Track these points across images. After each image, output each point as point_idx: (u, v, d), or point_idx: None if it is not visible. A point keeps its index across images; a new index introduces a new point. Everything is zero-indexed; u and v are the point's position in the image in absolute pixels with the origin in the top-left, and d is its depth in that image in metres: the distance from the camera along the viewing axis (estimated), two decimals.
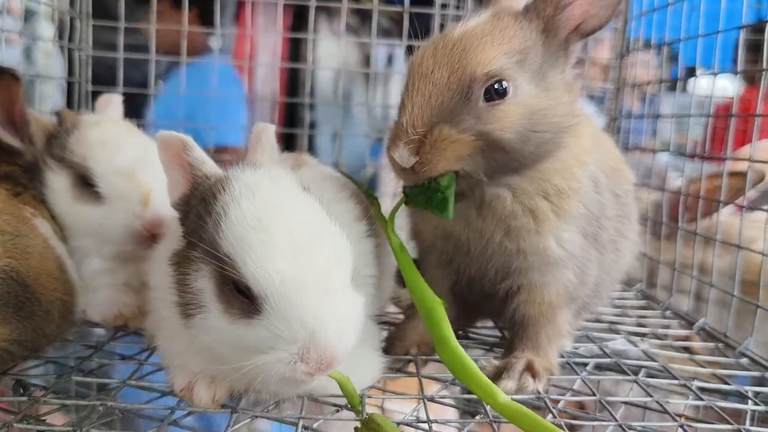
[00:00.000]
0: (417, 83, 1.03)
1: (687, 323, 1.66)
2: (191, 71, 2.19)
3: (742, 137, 1.71)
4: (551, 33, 1.08)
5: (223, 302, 0.89)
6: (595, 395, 1.14)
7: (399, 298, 1.56)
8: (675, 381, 1.25)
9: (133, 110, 1.80)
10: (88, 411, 1.01)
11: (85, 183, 1.35)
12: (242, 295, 0.88)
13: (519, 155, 1.05)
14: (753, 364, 1.40)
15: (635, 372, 1.27)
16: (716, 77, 1.71)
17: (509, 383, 1.12)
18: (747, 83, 3.10)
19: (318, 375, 0.88)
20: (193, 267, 0.93)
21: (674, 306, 1.77)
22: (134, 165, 1.36)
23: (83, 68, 2.09)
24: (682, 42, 1.84)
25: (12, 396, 1.09)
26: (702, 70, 1.96)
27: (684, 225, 1.80)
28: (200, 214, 0.94)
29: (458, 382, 1.19)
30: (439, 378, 1.21)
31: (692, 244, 1.74)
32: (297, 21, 2.63)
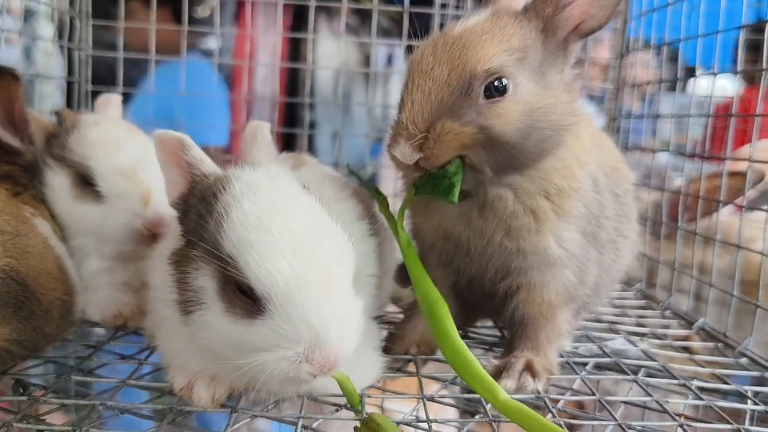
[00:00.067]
0: (417, 80, 1.03)
1: (686, 323, 1.66)
2: (169, 71, 2.17)
3: (742, 137, 1.71)
4: (550, 32, 1.08)
5: (225, 302, 0.89)
6: (595, 395, 1.14)
7: (399, 298, 1.57)
8: (674, 381, 1.25)
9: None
10: (88, 411, 1.01)
11: (85, 182, 1.36)
12: (244, 296, 0.88)
13: (520, 151, 1.05)
14: (752, 364, 1.40)
15: (635, 372, 1.27)
16: (716, 77, 1.71)
17: (509, 383, 1.12)
18: (747, 83, 3.09)
19: (320, 375, 0.88)
20: (193, 266, 0.92)
21: (674, 306, 1.77)
22: (134, 164, 1.36)
23: (83, 68, 2.09)
24: (682, 42, 1.84)
25: (12, 395, 1.09)
26: (702, 70, 1.95)
27: (683, 225, 1.80)
28: (200, 214, 0.94)
29: (458, 382, 1.20)
30: (439, 377, 1.21)
31: (692, 244, 1.74)
32: (297, 21, 2.63)
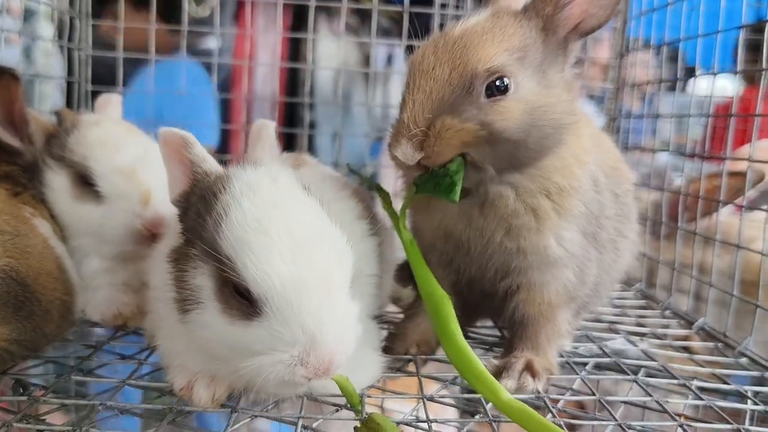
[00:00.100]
0: (418, 80, 1.03)
1: (686, 323, 1.66)
2: (158, 71, 2.17)
3: (742, 137, 1.71)
4: (550, 32, 1.09)
5: (222, 302, 0.89)
6: (595, 395, 1.14)
7: (399, 298, 1.56)
8: (674, 380, 1.25)
9: None
10: (88, 410, 1.01)
11: (85, 182, 1.36)
12: (242, 297, 0.88)
13: (521, 148, 1.05)
14: (752, 364, 1.40)
15: (635, 371, 1.27)
16: (716, 77, 1.71)
17: (509, 383, 1.12)
18: (747, 83, 3.09)
19: (316, 379, 0.88)
20: (192, 264, 0.92)
21: (674, 306, 1.77)
22: (134, 164, 1.36)
23: (83, 68, 2.09)
24: (682, 42, 1.84)
25: (12, 395, 1.09)
26: (701, 70, 1.95)
27: (683, 225, 1.80)
28: (200, 212, 0.94)
29: (458, 382, 1.20)
30: (439, 377, 1.21)
31: (692, 244, 1.74)
32: (297, 21, 2.63)
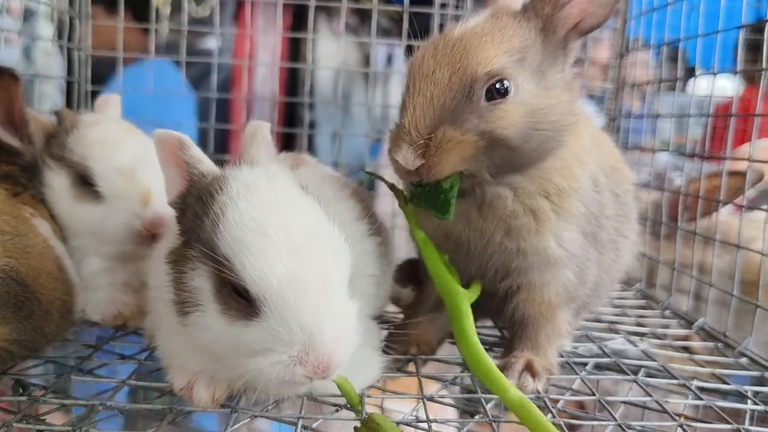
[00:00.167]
0: (418, 84, 1.03)
1: (686, 323, 1.66)
2: (134, 72, 2.16)
3: (742, 137, 1.71)
4: (550, 32, 1.08)
5: (221, 303, 0.89)
6: (595, 395, 1.14)
7: (399, 298, 1.56)
8: (674, 381, 1.25)
9: None
10: (88, 410, 1.01)
11: (85, 182, 1.36)
12: (240, 297, 0.88)
13: (522, 153, 1.05)
14: (752, 364, 1.40)
15: (635, 372, 1.27)
16: (716, 77, 1.71)
17: None
18: (747, 83, 3.09)
19: (315, 378, 0.88)
20: (190, 265, 0.92)
21: (674, 306, 1.77)
22: (134, 164, 1.36)
23: (82, 68, 2.09)
24: (682, 42, 1.84)
25: (12, 395, 1.10)
26: (701, 70, 1.95)
27: (683, 225, 1.80)
28: (197, 213, 0.94)
29: (458, 382, 1.20)
30: (439, 378, 1.21)
31: (692, 244, 1.74)
32: (297, 21, 2.62)
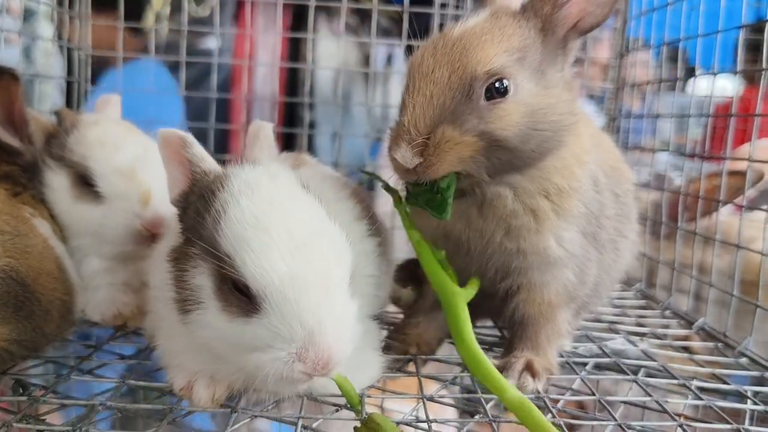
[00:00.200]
0: (418, 83, 1.03)
1: (686, 323, 1.66)
2: (122, 72, 2.16)
3: (742, 137, 1.71)
4: (549, 31, 1.08)
5: (222, 300, 0.89)
6: (595, 395, 1.14)
7: (399, 298, 1.56)
8: (674, 381, 1.25)
9: None
10: (87, 410, 1.01)
11: (85, 182, 1.36)
12: (241, 294, 0.88)
13: (521, 154, 1.05)
14: (752, 364, 1.40)
15: (635, 372, 1.27)
16: (716, 77, 1.71)
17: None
18: (747, 83, 3.09)
19: (315, 375, 0.88)
20: (191, 263, 0.93)
21: (674, 306, 1.77)
22: (134, 164, 1.36)
23: (83, 68, 2.09)
24: (682, 42, 1.84)
25: (12, 395, 1.10)
26: (701, 70, 1.95)
27: (683, 225, 1.80)
28: (199, 211, 0.94)
29: (458, 382, 1.20)
30: (439, 377, 1.21)
31: (692, 244, 1.74)
32: (296, 21, 2.62)
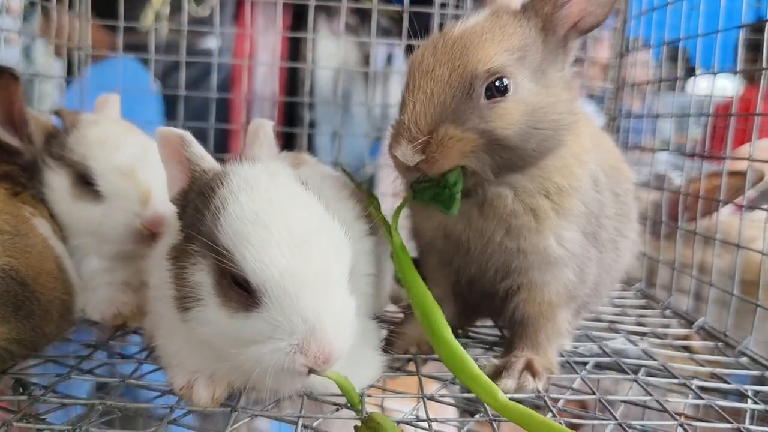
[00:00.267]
0: (418, 81, 1.03)
1: (686, 322, 1.66)
2: (101, 69, 2.16)
3: (742, 136, 1.71)
4: (550, 30, 1.09)
5: (221, 295, 0.89)
6: (595, 394, 1.14)
7: (399, 298, 1.56)
8: (675, 380, 1.25)
9: None
10: (87, 410, 1.01)
11: (85, 182, 1.35)
12: (240, 288, 0.88)
13: (521, 152, 1.05)
14: (753, 363, 1.40)
15: (635, 371, 1.27)
16: (716, 77, 1.71)
17: (509, 382, 1.12)
18: (747, 82, 3.09)
19: (316, 368, 0.88)
20: (191, 260, 0.93)
21: (674, 305, 1.77)
22: (133, 164, 1.36)
23: (82, 68, 2.09)
24: (682, 41, 1.84)
25: (12, 395, 1.09)
26: (701, 70, 1.95)
27: (683, 224, 1.80)
28: (198, 208, 0.95)
29: (458, 381, 1.19)
30: (439, 377, 1.20)
31: (692, 244, 1.74)
32: (296, 20, 2.62)
